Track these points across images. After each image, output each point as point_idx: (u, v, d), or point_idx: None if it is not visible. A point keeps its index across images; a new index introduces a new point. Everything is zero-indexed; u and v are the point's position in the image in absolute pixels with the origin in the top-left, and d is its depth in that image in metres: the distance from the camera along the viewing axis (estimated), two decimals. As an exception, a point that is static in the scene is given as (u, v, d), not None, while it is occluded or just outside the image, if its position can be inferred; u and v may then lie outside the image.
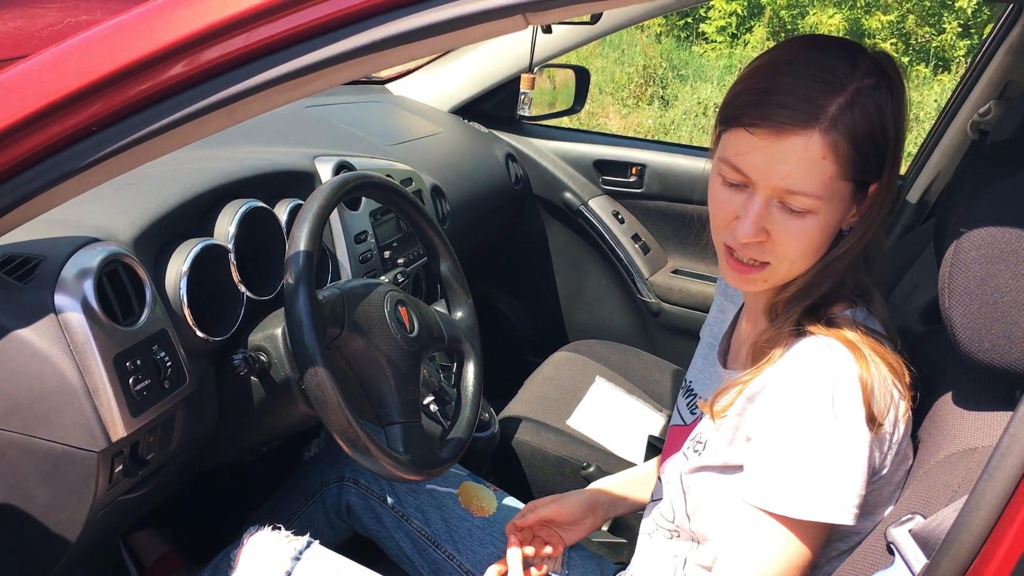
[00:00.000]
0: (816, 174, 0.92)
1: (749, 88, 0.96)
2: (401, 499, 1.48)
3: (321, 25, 0.82)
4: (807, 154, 0.92)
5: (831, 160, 0.92)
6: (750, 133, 0.94)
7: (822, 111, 0.91)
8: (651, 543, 1.23)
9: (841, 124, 0.91)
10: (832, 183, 0.93)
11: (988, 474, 0.72)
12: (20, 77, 0.88)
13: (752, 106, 0.94)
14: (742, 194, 0.97)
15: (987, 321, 0.87)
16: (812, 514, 0.94)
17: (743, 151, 0.95)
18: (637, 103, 8.28)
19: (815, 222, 0.95)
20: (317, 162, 1.72)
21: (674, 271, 2.61)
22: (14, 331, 1.04)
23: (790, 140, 0.92)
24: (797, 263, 0.99)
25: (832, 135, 0.91)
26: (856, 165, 0.94)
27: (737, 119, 0.95)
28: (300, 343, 1.14)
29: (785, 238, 0.97)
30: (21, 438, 1.07)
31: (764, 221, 0.96)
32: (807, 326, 0.99)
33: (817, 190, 0.93)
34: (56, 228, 1.13)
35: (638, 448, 1.90)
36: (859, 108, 0.92)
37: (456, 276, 1.52)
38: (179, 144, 0.93)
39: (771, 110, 0.92)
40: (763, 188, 0.95)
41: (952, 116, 2.19)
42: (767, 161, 0.93)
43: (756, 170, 0.94)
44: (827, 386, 0.93)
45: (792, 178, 0.93)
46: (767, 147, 0.93)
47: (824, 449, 0.93)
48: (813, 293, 1.01)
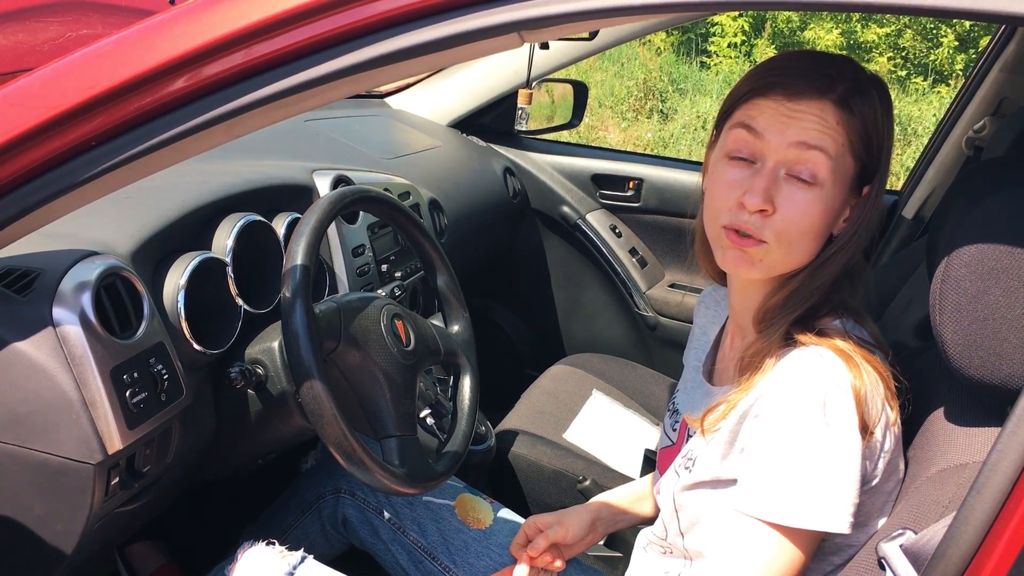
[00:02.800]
0: (831, 136, 0.96)
1: (754, 75, 1.00)
2: (398, 511, 1.48)
3: (319, 42, 0.83)
4: (823, 117, 0.96)
5: (843, 131, 0.96)
6: (764, 99, 0.98)
7: (833, 84, 0.96)
8: (645, 557, 1.23)
9: (850, 102, 0.96)
10: (842, 153, 0.97)
11: (976, 490, 0.73)
12: (21, 92, 0.89)
13: (774, 75, 0.98)
14: (748, 170, 0.99)
15: (977, 337, 0.87)
16: (807, 522, 0.94)
17: (756, 113, 0.99)
18: (636, 117, 8.31)
19: (818, 196, 0.97)
20: (315, 176, 1.72)
21: (671, 285, 2.62)
22: (12, 344, 1.05)
23: (805, 102, 0.96)
24: (794, 246, 1.00)
25: (843, 108, 0.96)
26: (864, 143, 0.98)
27: (748, 94, 0.99)
28: (296, 356, 1.14)
29: (789, 210, 0.97)
30: (18, 450, 1.07)
31: (772, 190, 0.98)
32: (796, 337, 1.00)
33: (832, 149, 0.96)
34: (55, 241, 1.14)
35: (635, 462, 1.90)
36: (865, 97, 0.97)
37: (453, 290, 1.53)
38: (178, 159, 0.93)
39: (785, 78, 0.97)
40: (775, 152, 0.97)
41: (948, 132, 2.20)
42: (783, 121, 0.97)
43: (771, 129, 0.97)
44: (819, 395, 0.93)
45: (810, 133, 0.96)
46: (782, 108, 0.97)
47: (817, 457, 0.93)
48: (801, 302, 1.02)
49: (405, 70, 0.87)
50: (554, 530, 1.32)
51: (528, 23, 0.78)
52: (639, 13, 0.80)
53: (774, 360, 1.00)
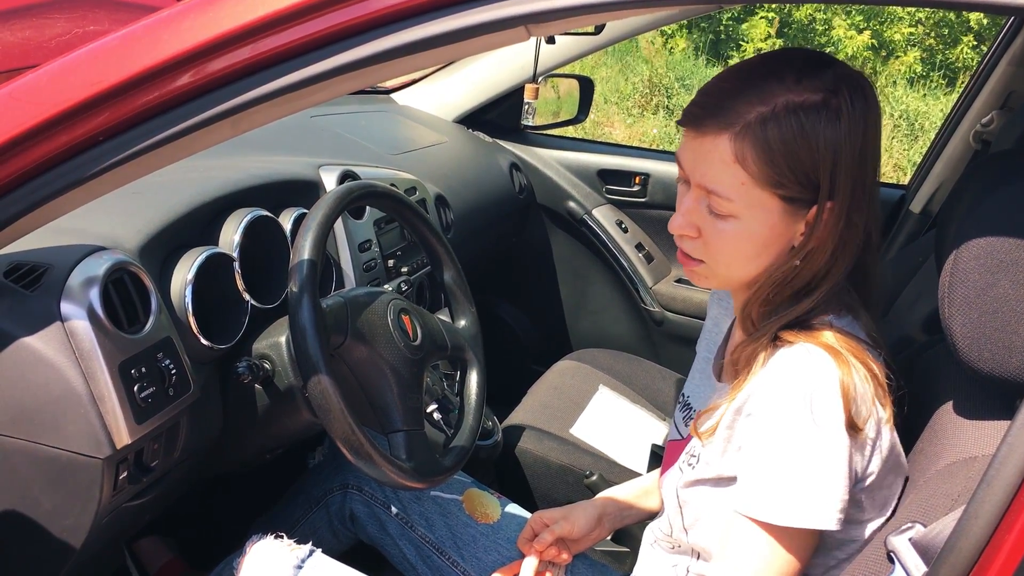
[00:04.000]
0: (727, 177, 0.94)
1: (699, 94, 1.00)
2: (405, 506, 1.48)
3: (325, 37, 0.82)
4: (717, 155, 0.94)
5: (739, 166, 0.93)
6: (683, 128, 0.98)
7: (737, 117, 0.92)
8: (653, 553, 1.23)
9: (752, 133, 0.92)
10: (746, 189, 0.94)
11: (986, 483, 0.73)
12: (29, 87, 0.89)
13: (690, 107, 0.98)
14: (685, 189, 1.02)
15: (987, 330, 0.87)
16: (793, 520, 0.94)
17: (680, 147, 1.00)
18: (642, 113, 8.30)
19: (737, 227, 0.97)
20: (321, 171, 1.72)
21: (677, 280, 2.61)
22: (20, 339, 1.05)
23: (705, 140, 0.95)
24: (732, 267, 1.01)
25: (740, 142, 0.93)
26: (769, 178, 0.93)
27: (680, 119, 1.00)
28: (304, 351, 1.14)
29: (712, 238, 0.99)
30: (27, 445, 1.08)
31: (694, 216, 1.00)
32: (785, 334, 0.99)
33: (729, 193, 0.95)
34: (63, 237, 1.14)
35: (641, 457, 1.90)
36: (780, 121, 0.91)
37: (459, 285, 1.53)
38: (185, 154, 0.94)
39: (697, 112, 0.96)
40: (693, 185, 0.99)
41: (955, 126, 2.19)
42: (691, 160, 0.98)
43: (686, 166, 0.99)
44: (806, 392, 0.93)
45: (707, 176, 0.96)
46: (691, 144, 0.97)
47: (804, 455, 0.93)
48: (779, 309, 1.01)
49: (412, 64, 0.87)
50: (560, 525, 1.32)
51: (535, 16, 0.78)
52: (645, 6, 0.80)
53: (764, 357, 1.00)
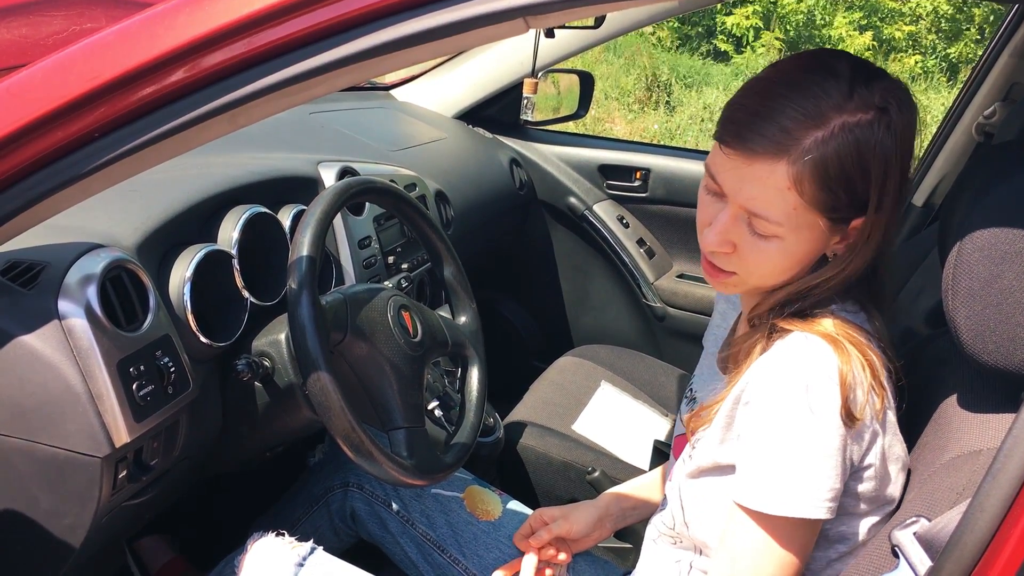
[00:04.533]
0: (779, 203, 0.92)
1: (738, 105, 0.96)
2: (406, 504, 1.48)
3: (322, 30, 0.82)
4: (771, 181, 0.92)
5: (795, 192, 0.91)
6: (724, 146, 0.94)
7: (795, 143, 0.90)
8: (655, 548, 1.23)
9: (812, 159, 0.90)
10: (797, 214, 0.93)
11: (992, 476, 0.72)
12: (24, 83, 0.88)
13: (733, 124, 0.94)
14: (719, 203, 0.98)
15: (991, 323, 0.86)
16: (784, 509, 0.94)
17: (718, 164, 0.96)
18: (643, 108, 8.29)
19: (780, 247, 0.96)
20: (320, 168, 1.72)
21: (679, 275, 2.61)
22: (18, 337, 1.05)
23: (757, 165, 0.92)
24: (766, 279, 1.01)
25: (799, 168, 0.90)
26: (823, 202, 0.92)
27: (720, 134, 0.96)
28: (303, 348, 1.14)
29: (749, 255, 0.98)
30: (25, 444, 1.07)
31: (731, 234, 0.97)
32: (784, 323, 0.99)
33: (779, 218, 0.93)
34: (60, 234, 1.13)
35: (644, 453, 1.90)
36: (838, 144, 0.90)
37: (460, 281, 1.52)
38: (182, 149, 0.93)
39: (746, 133, 0.92)
40: (732, 203, 0.96)
41: (957, 118, 2.18)
42: (736, 181, 0.94)
43: (727, 186, 0.96)
44: (802, 380, 0.93)
45: (756, 202, 0.93)
46: (738, 168, 0.94)
47: (797, 443, 0.93)
48: (798, 304, 1.01)
49: (409, 58, 0.87)
50: (559, 524, 1.31)
51: (533, 8, 0.77)
52: (645, -3, 0.79)
53: (762, 345, 1.00)
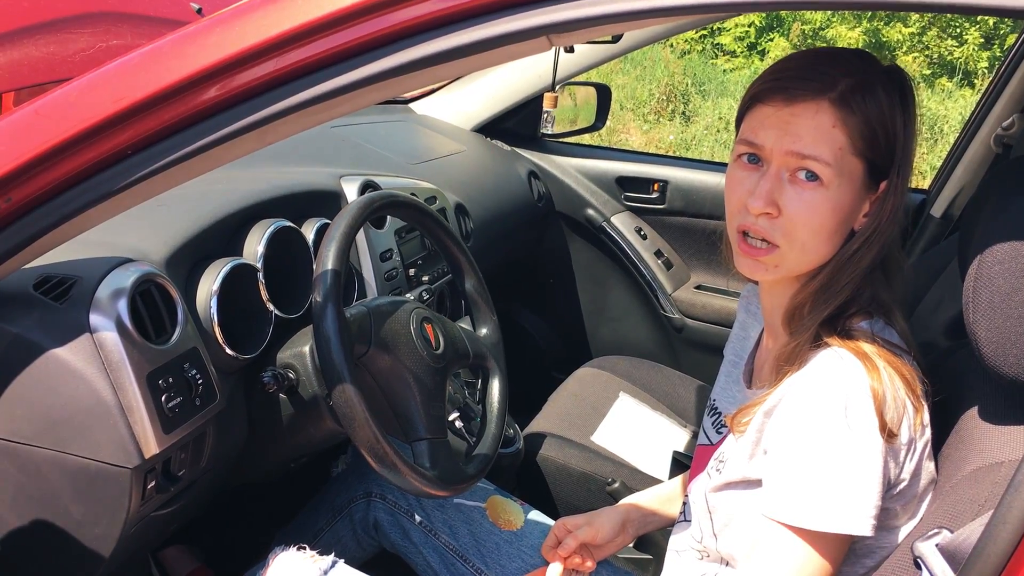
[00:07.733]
0: (826, 141, 0.95)
1: (778, 68, 1.01)
2: (429, 514, 1.49)
3: (349, 49, 0.83)
4: (817, 120, 0.95)
5: (841, 130, 0.95)
6: (765, 104, 0.98)
7: (833, 83, 0.95)
8: (679, 560, 1.23)
9: (851, 101, 0.95)
10: (842, 155, 0.96)
11: (1014, 488, 0.72)
12: (57, 103, 0.90)
13: (775, 80, 0.99)
14: (756, 172, 1.00)
15: (1012, 335, 0.87)
16: (829, 525, 0.93)
17: (757, 124, 0.99)
18: (658, 119, 8.30)
19: (825, 196, 0.97)
20: (343, 182, 1.74)
21: (697, 287, 2.61)
22: (50, 350, 1.07)
23: (801, 106, 0.96)
24: (808, 246, 1.00)
25: (842, 108, 0.95)
26: (868, 141, 0.96)
27: (760, 94, 1.00)
28: (328, 360, 1.15)
29: (796, 212, 0.98)
30: (56, 455, 1.09)
31: (775, 193, 0.98)
32: (824, 338, 0.99)
33: (827, 156, 0.95)
34: (91, 249, 1.16)
35: (663, 464, 1.90)
36: (869, 93, 0.96)
37: (480, 293, 1.53)
38: (211, 166, 0.95)
39: (784, 81, 0.97)
40: (776, 157, 0.98)
41: (975, 130, 2.18)
42: (780, 128, 0.97)
43: (770, 138, 0.98)
44: (840, 397, 0.93)
45: (803, 141, 0.96)
46: (780, 115, 0.97)
47: (839, 460, 0.93)
48: (831, 299, 1.02)
49: (434, 76, 0.88)
50: (584, 531, 1.32)
51: (557, 27, 0.78)
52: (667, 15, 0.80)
53: (799, 362, 1.00)
